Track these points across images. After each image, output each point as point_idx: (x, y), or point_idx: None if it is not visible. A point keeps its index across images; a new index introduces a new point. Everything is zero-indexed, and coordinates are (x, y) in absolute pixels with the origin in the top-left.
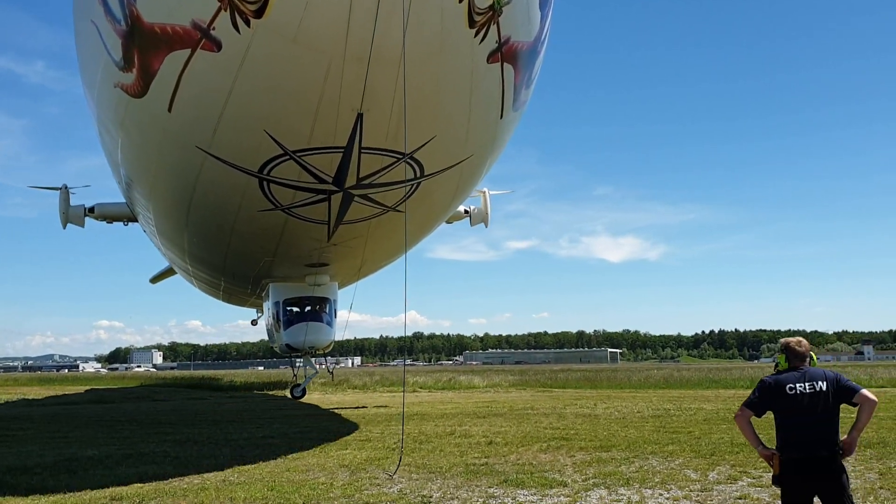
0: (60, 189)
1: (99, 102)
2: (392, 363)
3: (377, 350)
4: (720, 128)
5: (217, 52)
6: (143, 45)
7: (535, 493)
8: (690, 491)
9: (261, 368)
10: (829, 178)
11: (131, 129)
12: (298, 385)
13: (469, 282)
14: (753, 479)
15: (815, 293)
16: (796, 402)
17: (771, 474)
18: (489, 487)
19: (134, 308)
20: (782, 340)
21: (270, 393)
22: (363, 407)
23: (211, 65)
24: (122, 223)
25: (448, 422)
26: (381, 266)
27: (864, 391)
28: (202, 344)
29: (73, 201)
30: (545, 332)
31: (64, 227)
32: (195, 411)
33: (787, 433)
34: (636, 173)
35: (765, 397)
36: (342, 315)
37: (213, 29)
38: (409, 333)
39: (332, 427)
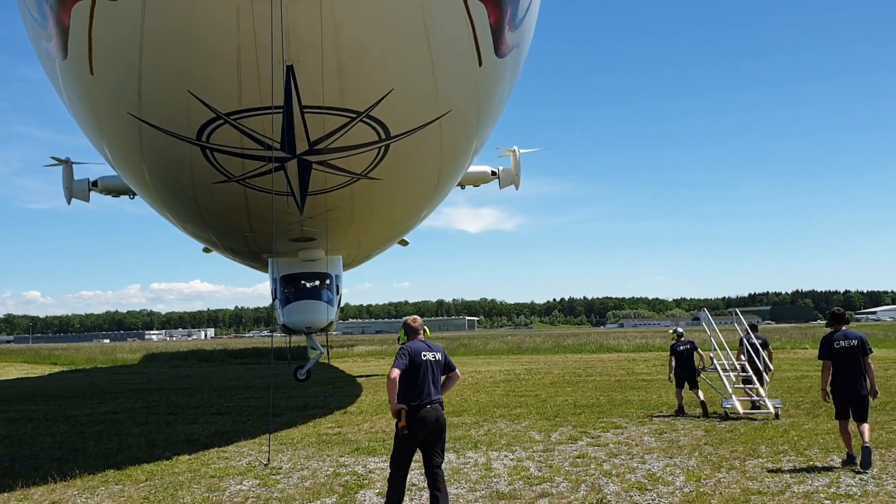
0: (64, 163)
1: (42, 66)
2: (247, 334)
3: (232, 321)
4: (572, 99)
5: (115, 1)
6: None
7: (385, 460)
8: (534, 452)
9: (106, 341)
10: (670, 152)
11: (68, 94)
12: (302, 366)
13: None
14: (592, 438)
15: (656, 263)
16: (424, 366)
17: (399, 426)
18: (340, 456)
19: None
20: (403, 319)
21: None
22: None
23: (113, 15)
24: (128, 196)
25: (303, 392)
26: (390, 237)
27: (457, 370)
28: (42, 316)
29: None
30: (406, 302)
31: (69, 203)
32: (33, 387)
33: (414, 390)
34: (498, 144)
35: (407, 360)
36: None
37: None
38: (268, 304)
39: (181, 401)
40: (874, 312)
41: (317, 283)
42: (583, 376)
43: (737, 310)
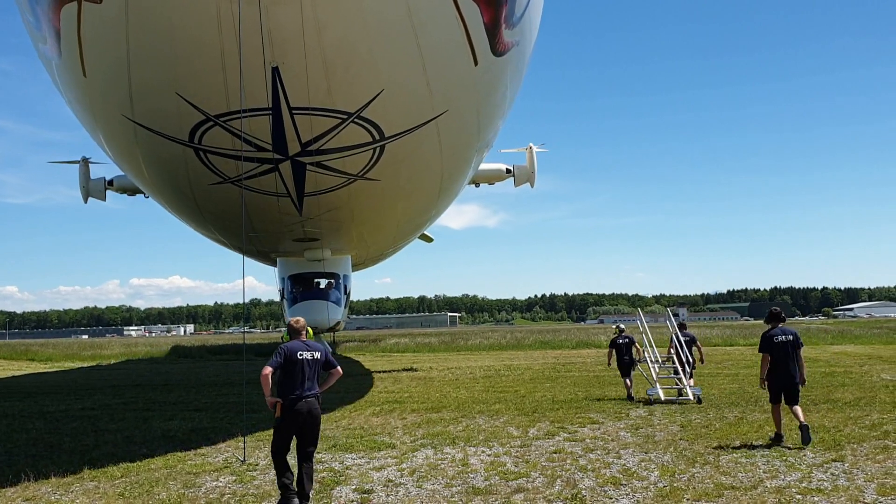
0: (80, 162)
1: (45, 67)
2: (227, 331)
3: (212, 317)
4: (551, 95)
5: (99, 4)
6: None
7: (363, 457)
8: (511, 447)
9: (85, 337)
10: (650, 148)
11: (66, 95)
12: None
13: None
14: (569, 433)
15: (636, 260)
16: (300, 364)
17: (277, 417)
18: (318, 453)
19: None
20: (288, 321)
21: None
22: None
23: (98, 18)
24: (143, 195)
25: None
26: (400, 237)
27: (339, 367)
28: (19, 311)
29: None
30: (387, 298)
31: (85, 202)
32: (7, 384)
33: (291, 385)
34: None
35: (281, 358)
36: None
37: None
38: (247, 300)
39: (159, 397)
40: (851, 309)
41: (329, 281)
42: (562, 372)
43: (668, 309)
